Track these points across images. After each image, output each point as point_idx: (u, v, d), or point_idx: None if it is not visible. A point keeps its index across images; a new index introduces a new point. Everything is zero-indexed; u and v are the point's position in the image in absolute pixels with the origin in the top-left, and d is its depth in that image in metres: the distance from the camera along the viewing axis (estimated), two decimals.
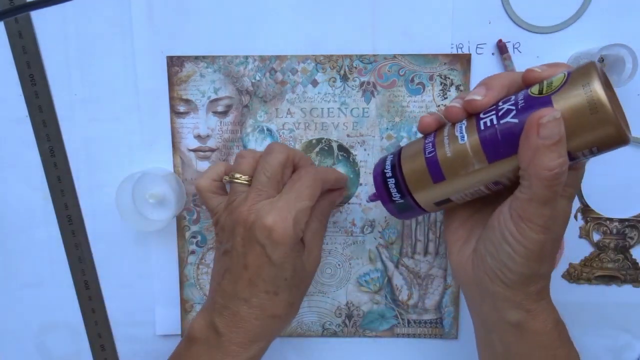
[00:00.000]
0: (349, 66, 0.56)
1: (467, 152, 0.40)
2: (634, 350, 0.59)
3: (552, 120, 0.35)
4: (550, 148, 0.35)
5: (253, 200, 0.46)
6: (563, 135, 0.35)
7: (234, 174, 0.49)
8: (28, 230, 0.60)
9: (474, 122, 0.40)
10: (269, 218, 0.45)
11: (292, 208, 0.45)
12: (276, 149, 0.48)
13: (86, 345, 0.62)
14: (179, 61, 0.56)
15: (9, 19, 0.56)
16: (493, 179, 0.40)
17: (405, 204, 0.46)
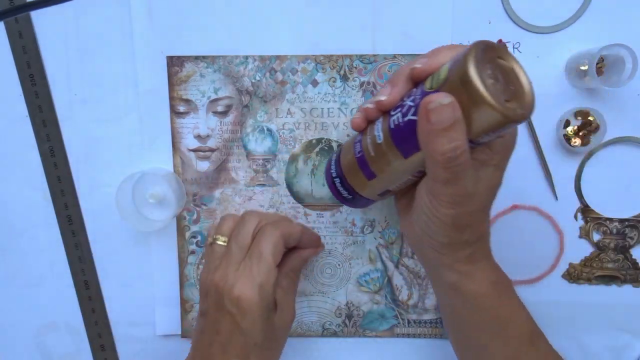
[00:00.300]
0: (349, 66, 0.56)
1: (385, 151, 0.42)
2: (634, 350, 0.59)
3: (439, 106, 0.35)
4: (441, 133, 0.35)
5: (224, 268, 0.49)
6: (455, 120, 0.35)
7: (215, 236, 0.52)
8: (28, 230, 0.60)
9: (386, 121, 0.42)
10: (235, 289, 0.47)
11: (256, 275, 0.48)
12: (247, 218, 0.51)
13: (86, 345, 0.62)
14: (179, 61, 0.56)
15: (9, 19, 0.56)
16: (415, 170, 0.42)
17: (353, 198, 0.49)
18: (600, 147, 0.56)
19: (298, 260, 0.54)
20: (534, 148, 0.56)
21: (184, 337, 0.61)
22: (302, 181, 0.58)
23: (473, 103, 0.35)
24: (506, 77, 0.37)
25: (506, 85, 0.37)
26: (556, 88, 0.56)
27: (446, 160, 0.36)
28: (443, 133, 0.35)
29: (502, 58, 0.37)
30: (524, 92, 0.37)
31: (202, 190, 0.58)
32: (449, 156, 0.36)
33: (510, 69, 0.37)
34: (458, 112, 0.35)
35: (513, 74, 0.38)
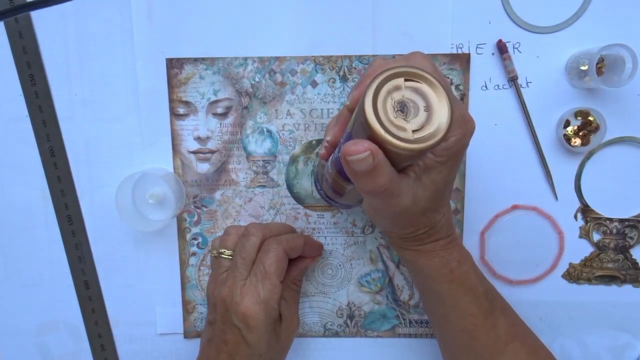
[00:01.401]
0: (348, 67, 0.56)
1: (336, 179, 0.44)
2: (634, 350, 0.59)
3: (356, 160, 0.35)
4: (363, 176, 0.36)
5: (231, 283, 0.51)
6: (375, 166, 0.35)
7: (220, 249, 0.54)
8: (28, 230, 0.60)
9: (333, 154, 0.44)
10: (242, 305, 0.49)
11: (261, 292, 0.50)
12: (251, 231, 0.53)
13: (86, 345, 0.62)
14: (179, 63, 0.56)
15: (9, 19, 0.55)
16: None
17: (339, 205, 0.52)
18: (600, 147, 0.56)
19: (299, 270, 0.56)
20: (534, 148, 0.56)
21: (187, 338, 0.61)
22: (303, 182, 0.58)
23: (380, 144, 0.34)
24: (418, 99, 0.35)
25: (416, 110, 0.35)
26: (556, 88, 0.56)
27: (373, 194, 0.38)
28: (365, 177, 0.36)
29: (412, 79, 0.36)
30: (438, 113, 0.35)
31: (202, 192, 0.58)
32: (374, 192, 0.37)
33: (421, 89, 0.36)
34: (378, 158, 0.35)
35: (425, 93, 0.36)
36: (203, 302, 0.60)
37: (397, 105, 0.35)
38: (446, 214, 0.47)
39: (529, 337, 0.51)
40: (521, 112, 0.56)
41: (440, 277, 0.48)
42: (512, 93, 0.56)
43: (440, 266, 0.47)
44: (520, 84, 0.55)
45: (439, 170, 0.41)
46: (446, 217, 0.47)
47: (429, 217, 0.45)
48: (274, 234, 0.54)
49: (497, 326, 0.49)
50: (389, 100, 0.35)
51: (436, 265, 0.47)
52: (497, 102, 0.56)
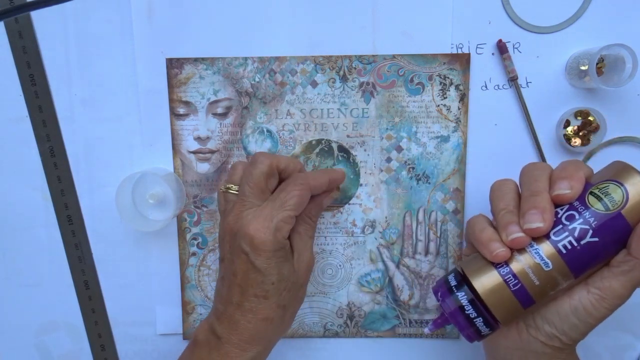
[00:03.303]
0: (348, 67, 0.56)
1: (555, 276, 0.43)
2: (634, 350, 0.59)
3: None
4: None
5: (238, 209, 0.49)
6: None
7: (227, 185, 0.52)
8: (28, 230, 0.60)
9: (551, 247, 0.43)
10: (250, 227, 0.47)
11: (275, 216, 0.47)
12: (259, 159, 0.50)
13: (86, 345, 0.62)
14: (179, 63, 0.56)
15: (9, 19, 0.55)
16: (574, 285, 0.44)
17: (491, 331, 0.46)
18: (600, 147, 0.56)
19: (315, 206, 0.53)
20: (534, 148, 0.56)
21: (186, 339, 0.61)
22: None
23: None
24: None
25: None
26: (556, 88, 0.56)
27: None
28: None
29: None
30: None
31: (202, 192, 0.58)
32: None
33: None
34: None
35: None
36: (202, 302, 0.60)
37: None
38: None
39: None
40: (521, 112, 0.56)
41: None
42: (512, 93, 0.56)
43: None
44: (520, 84, 0.55)
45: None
46: None
47: None
48: (283, 165, 0.51)
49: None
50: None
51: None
52: (497, 102, 0.56)
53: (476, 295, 0.45)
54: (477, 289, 0.44)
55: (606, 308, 0.43)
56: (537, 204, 0.43)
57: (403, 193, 0.58)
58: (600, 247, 0.42)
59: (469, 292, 0.45)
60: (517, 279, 0.43)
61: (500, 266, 0.44)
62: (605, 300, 0.43)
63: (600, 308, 0.43)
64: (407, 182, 0.57)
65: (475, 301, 0.45)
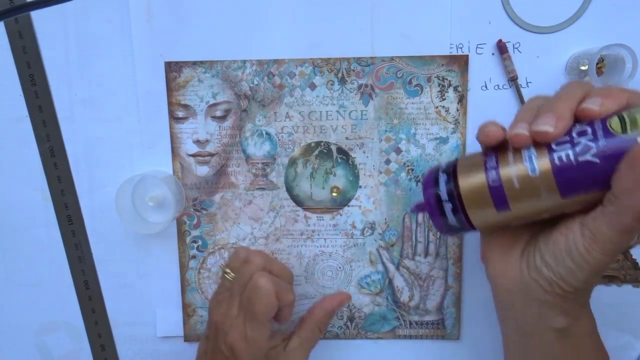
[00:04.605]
0: (347, 69, 0.56)
1: (539, 187, 0.39)
2: (634, 350, 0.59)
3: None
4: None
5: (226, 308, 0.51)
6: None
7: (226, 268, 0.54)
8: (28, 230, 0.60)
9: (546, 153, 0.39)
10: (229, 336, 0.49)
11: (248, 331, 0.49)
12: (253, 260, 0.52)
13: (86, 345, 0.62)
14: (177, 66, 0.56)
15: (9, 19, 0.55)
16: (562, 211, 0.40)
17: (460, 228, 0.44)
18: None
19: (325, 315, 0.55)
20: None
21: (187, 342, 0.61)
22: (302, 184, 0.58)
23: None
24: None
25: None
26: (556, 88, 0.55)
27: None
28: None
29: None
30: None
31: (202, 195, 0.58)
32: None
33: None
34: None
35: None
36: (203, 305, 0.60)
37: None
38: None
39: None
40: None
41: (591, 345, 0.44)
42: (512, 93, 0.56)
43: (593, 332, 0.44)
44: (520, 84, 0.55)
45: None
46: None
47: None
48: (276, 271, 0.53)
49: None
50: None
51: (590, 331, 0.44)
52: (497, 102, 0.56)
53: (456, 185, 0.43)
54: (458, 174, 0.43)
55: (599, 252, 0.38)
56: (555, 109, 0.39)
57: (402, 195, 0.58)
58: (598, 171, 0.37)
59: (451, 179, 0.43)
60: (497, 176, 0.40)
61: (488, 159, 0.42)
62: (597, 243, 0.38)
63: (593, 252, 0.38)
64: (407, 184, 0.57)
65: (453, 188, 0.43)
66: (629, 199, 0.35)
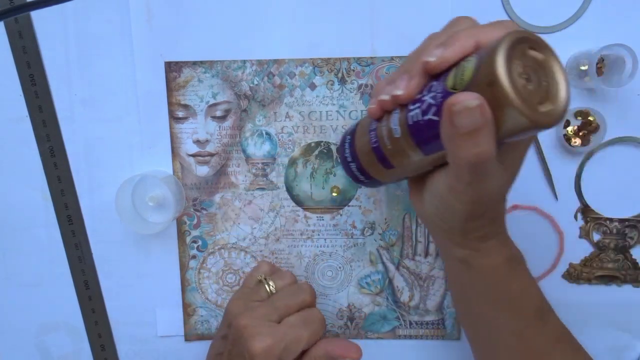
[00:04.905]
0: (347, 69, 0.56)
1: (404, 146, 0.39)
2: (634, 350, 0.59)
3: (465, 109, 0.32)
4: (465, 137, 0.32)
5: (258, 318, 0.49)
6: (483, 124, 0.32)
7: (269, 280, 0.53)
8: (28, 230, 0.60)
9: (405, 114, 0.39)
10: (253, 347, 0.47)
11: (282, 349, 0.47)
12: (306, 290, 0.52)
13: (86, 345, 0.62)
14: (177, 67, 0.56)
15: (9, 19, 0.55)
16: (436, 163, 0.40)
17: (370, 181, 0.47)
18: (600, 147, 0.56)
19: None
20: (534, 148, 0.56)
21: (187, 341, 0.61)
22: (302, 184, 0.58)
23: (501, 108, 0.31)
24: (539, 71, 0.34)
25: (539, 83, 0.33)
26: None
27: (470, 165, 0.34)
28: (468, 138, 0.32)
29: (534, 49, 0.34)
30: (558, 89, 0.34)
31: (202, 195, 0.58)
32: (474, 162, 0.34)
33: (543, 62, 0.34)
34: (487, 115, 0.31)
35: (547, 67, 0.34)
36: (203, 305, 0.60)
37: (524, 72, 0.32)
38: (505, 204, 0.43)
39: (572, 337, 0.49)
40: None
41: (501, 278, 0.44)
42: None
43: (503, 265, 0.43)
44: None
45: (521, 151, 0.39)
46: (505, 208, 0.43)
47: (499, 205, 0.41)
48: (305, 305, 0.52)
49: (548, 326, 0.46)
50: (516, 65, 0.32)
51: (498, 265, 0.43)
52: None
53: (354, 147, 0.45)
54: (355, 137, 0.45)
55: (456, 201, 0.38)
56: (408, 69, 0.39)
57: (402, 194, 0.58)
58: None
59: (351, 143, 0.46)
60: (376, 138, 0.42)
61: (372, 121, 0.43)
62: (452, 192, 0.38)
63: (451, 200, 0.39)
64: (406, 184, 0.57)
65: (354, 152, 0.46)
66: (452, 153, 0.35)
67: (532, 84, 0.33)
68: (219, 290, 0.60)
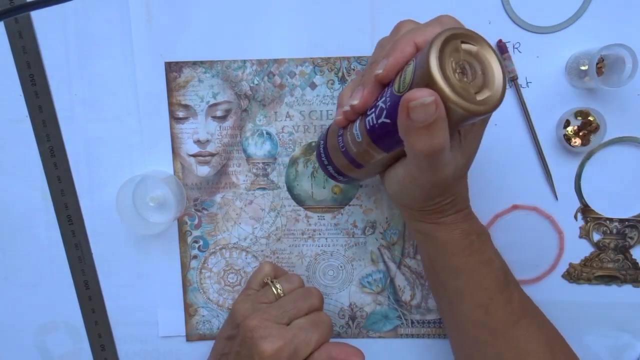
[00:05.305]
0: (347, 68, 0.56)
1: (366, 148, 0.42)
2: (634, 350, 0.59)
3: (419, 105, 0.34)
4: (421, 131, 0.35)
5: (266, 317, 0.49)
6: (437, 118, 0.34)
7: (276, 284, 0.53)
8: (28, 230, 0.60)
9: (363, 120, 0.42)
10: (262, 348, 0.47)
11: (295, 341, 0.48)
12: (315, 295, 0.52)
13: (86, 345, 0.62)
14: (177, 67, 0.56)
15: (9, 19, 0.55)
16: (401, 156, 0.42)
17: (349, 180, 0.50)
18: (600, 147, 0.56)
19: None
20: (534, 148, 0.56)
21: (189, 341, 0.61)
22: (303, 184, 0.58)
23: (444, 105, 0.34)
24: (474, 62, 0.36)
25: (474, 73, 0.36)
26: (556, 88, 0.56)
27: (427, 156, 0.37)
28: (423, 131, 0.35)
29: (467, 42, 0.36)
30: (494, 76, 0.36)
31: (203, 195, 0.58)
32: (431, 153, 0.36)
33: (476, 52, 0.36)
34: (441, 110, 0.34)
35: (480, 57, 0.36)
36: (205, 305, 0.60)
37: (458, 67, 0.35)
38: (466, 184, 0.47)
39: (538, 312, 0.51)
40: (521, 112, 0.56)
41: (460, 250, 0.47)
42: (512, 93, 0.56)
43: (461, 238, 0.47)
44: (520, 84, 0.55)
45: (475, 134, 0.42)
46: (466, 187, 0.47)
47: (457, 185, 0.44)
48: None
49: (512, 300, 0.48)
50: (449, 62, 0.34)
51: (456, 238, 0.47)
52: None
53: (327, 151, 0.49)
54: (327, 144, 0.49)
55: (414, 185, 0.42)
56: (364, 80, 0.42)
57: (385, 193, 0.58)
58: (394, 129, 0.38)
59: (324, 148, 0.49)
60: (343, 142, 0.45)
61: (340, 129, 0.46)
62: (410, 178, 0.41)
63: (410, 185, 0.42)
64: None
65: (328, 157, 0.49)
66: (409, 144, 0.37)
67: (468, 76, 0.35)
68: (221, 290, 0.60)
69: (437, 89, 0.33)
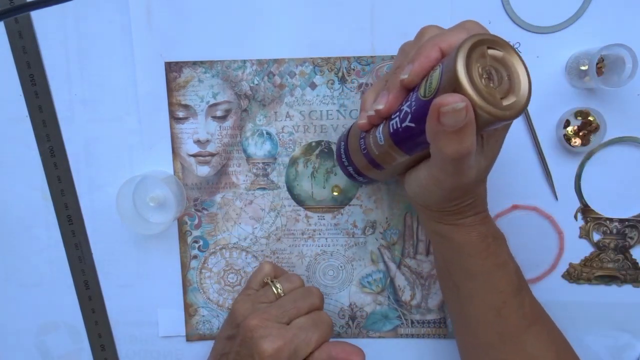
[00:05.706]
0: (347, 68, 0.56)
1: (389, 150, 0.43)
2: (634, 350, 0.59)
3: (451, 111, 0.34)
4: (450, 135, 0.35)
5: (266, 316, 0.49)
6: (467, 124, 0.35)
7: (276, 284, 0.53)
8: (28, 230, 0.60)
9: (387, 124, 0.43)
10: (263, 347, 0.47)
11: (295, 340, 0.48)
12: (316, 294, 0.52)
13: (86, 345, 0.62)
14: (177, 67, 0.56)
15: (9, 19, 0.55)
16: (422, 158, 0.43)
17: (369, 182, 0.52)
18: (600, 147, 0.56)
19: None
20: (534, 148, 0.56)
21: (189, 341, 0.61)
22: (303, 184, 0.58)
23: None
24: (500, 68, 0.37)
25: (500, 79, 0.36)
26: (556, 88, 0.56)
27: (452, 161, 0.37)
28: (453, 136, 0.35)
29: (493, 47, 0.36)
30: (520, 81, 0.37)
31: (203, 195, 0.58)
32: (458, 157, 0.37)
33: (502, 58, 0.37)
34: (471, 116, 0.34)
35: (507, 62, 0.37)
36: (205, 304, 0.60)
37: (484, 72, 0.35)
38: (485, 187, 0.47)
39: (548, 319, 0.51)
40: None
41: (476, 252, 0.47)
42: None
43: (478, 241, 0.47)
44: None
45: (498, 138, 0.42)
46: (485, 190, 0.47)
47: (477, 188, 0.45)
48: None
49: (524, 305, 0.48)
50: (476, 68, 0.35)
51: (473, 240, 0.47)
52: None
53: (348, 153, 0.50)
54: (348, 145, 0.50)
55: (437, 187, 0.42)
56: (388, 85, 0.43)
57: (403, 193, 0.58)
58: (418, 133, 0.39)
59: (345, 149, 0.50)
60: (365, 145, 0.46)
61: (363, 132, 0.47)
62: (433, 180, 0.42)
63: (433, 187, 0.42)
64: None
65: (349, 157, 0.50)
66: (437, 148, 0.37)
67: (494, 81, 0.36)
68: (221, 290, 0.60)
69: (465, 94, 0.34)
